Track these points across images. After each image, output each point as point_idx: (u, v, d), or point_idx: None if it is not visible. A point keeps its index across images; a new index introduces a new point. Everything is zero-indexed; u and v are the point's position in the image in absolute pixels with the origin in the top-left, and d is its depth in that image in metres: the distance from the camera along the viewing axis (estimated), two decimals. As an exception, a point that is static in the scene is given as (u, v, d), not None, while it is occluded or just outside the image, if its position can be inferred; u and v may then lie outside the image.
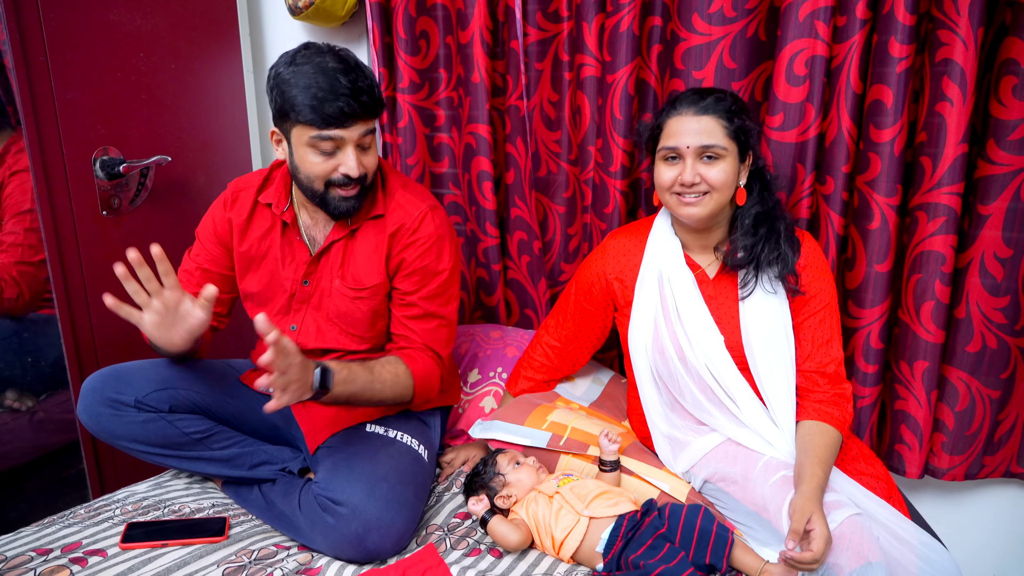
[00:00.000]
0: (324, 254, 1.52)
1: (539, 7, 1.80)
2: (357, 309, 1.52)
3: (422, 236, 1.50)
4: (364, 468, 1.40)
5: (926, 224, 1.55)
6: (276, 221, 1.54)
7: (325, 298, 1.53)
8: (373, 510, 1.34)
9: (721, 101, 1.42)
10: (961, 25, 1.42)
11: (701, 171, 1.41)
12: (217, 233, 1.56)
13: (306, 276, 1.53)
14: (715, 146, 1.40)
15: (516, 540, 1.35)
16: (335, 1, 1.89)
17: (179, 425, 1.49)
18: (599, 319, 1.66)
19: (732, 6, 1.62)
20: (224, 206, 1.57)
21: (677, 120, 1.43)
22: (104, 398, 1.46)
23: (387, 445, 1.49)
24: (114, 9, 1.77)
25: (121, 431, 1.47)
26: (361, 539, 1.32)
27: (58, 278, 1.75)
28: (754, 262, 1.46)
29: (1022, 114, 1.45)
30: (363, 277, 1.51)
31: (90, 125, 1.77)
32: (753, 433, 1.45)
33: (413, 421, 1.62)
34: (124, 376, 1.49)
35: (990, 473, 1.66)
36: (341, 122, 1.34)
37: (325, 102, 1.32)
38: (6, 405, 1.88)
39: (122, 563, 1.30)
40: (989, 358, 1.60)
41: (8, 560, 1.29)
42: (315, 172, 1.39)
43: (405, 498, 1.39)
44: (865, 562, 1.21)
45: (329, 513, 1.35)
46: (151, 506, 1.49)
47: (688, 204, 1.44)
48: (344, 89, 1.32)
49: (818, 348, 1.45)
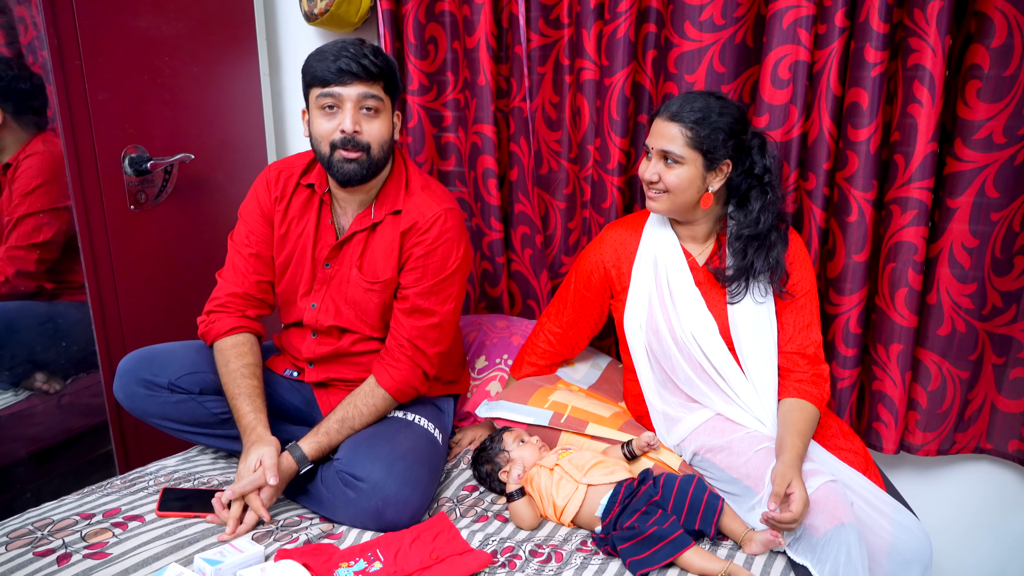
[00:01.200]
0: (347, 242, 1.61)
1: (541, 14, 1.89)
2: (369, 300, 1.61)
3: (431, 236, 1.56)
4: (384, 448, 1.49)
5: (900, 217, 1.64)
6: (314, 201, 1.63)
7: (343, 284, 1.62)
8: (391, 486, 1.43)
9: (689, 115, 1.49)
10: (930, 33, 1.51)
11: (660, 172, 1.53)
12: (263, 212, 1.63)
13: (328, 259, 1.62)
14: (672, 152, 1.51)
15: (530, 520, 1.47)
16: (349, 8, 2.00)
17: (208, 406, 1.59)
18: (597, 305, 1.77)
19: (721, 14, 1.70)
20: (268, 186, 1.64)
21: (658, 122, 1.54)
22: (139, 379, 1.56)
23: (406, 427, 1.58)
24: (142, 16, 1.88)
25: (154, 410, 1.57)
26: (379, 513, 1.42)
27: (90, 268, 1.85)
28: (743, 276, 1.56)
29: (986, 115, 1.54)
30: (378, 270, 1.60)
31: (119, 125, 1.87)
32: (740, 408, 1.56)
33: (429, 406, 1.71)
34: (158, 359, 1.59)
35: (961, 449, 1.77)
36: (340, 79, 1.45)
37: (327, 61, 1.45)
38: (36, 387, 1.99)
39: (158, 527, 1.41)
40: (959, 341, 1.69)
41: (56, 523, 1.40)
42: (321, 133, 1.50)
43: (420, 477, 1.48)
44: (839, 523, 1.33)
45: (350, 488, 1.44)
46: (181, 478, 1.60)
47: (650, 199, 1.57)
48: (347, 53, 1.45)
49: (799, 332, 1.57)
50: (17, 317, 1.92)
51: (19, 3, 2.01)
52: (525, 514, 1.47)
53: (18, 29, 2.00)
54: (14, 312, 1.92)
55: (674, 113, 1.51)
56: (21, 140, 1.86)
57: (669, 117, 1.52)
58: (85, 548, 1.33)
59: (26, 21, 2.01)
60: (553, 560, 1.36)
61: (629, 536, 1.34)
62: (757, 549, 1.37)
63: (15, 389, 1.96)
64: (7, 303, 1.90)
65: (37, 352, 1.95)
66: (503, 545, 1.40)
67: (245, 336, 1.61)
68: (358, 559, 1.31)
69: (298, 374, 1.73)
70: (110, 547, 1.34)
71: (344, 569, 1.28)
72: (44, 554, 1.31)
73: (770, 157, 1.57)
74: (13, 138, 1.85)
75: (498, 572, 1.32)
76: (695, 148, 1.50)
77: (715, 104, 1.51)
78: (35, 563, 1.29)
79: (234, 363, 1.55)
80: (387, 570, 1.29)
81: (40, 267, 1.90)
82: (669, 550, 1.31)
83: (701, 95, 1.54)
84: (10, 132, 1.85)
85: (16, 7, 2.00)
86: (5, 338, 1.89)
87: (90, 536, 1.36)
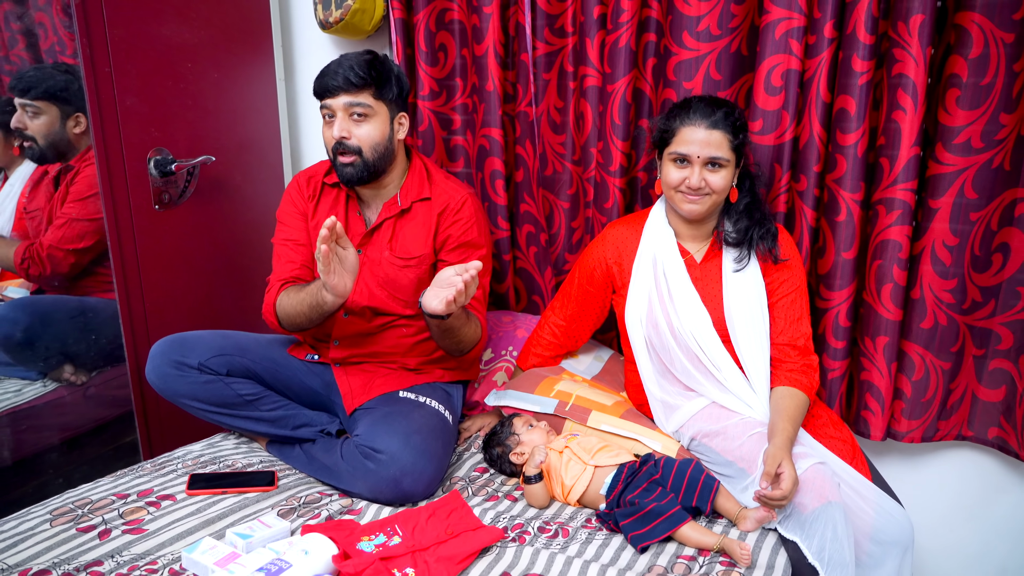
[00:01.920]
0: (377, 230, 1.76)
1: (547, 23, 1.97)
2: (404, 276, 1.76)
3: (464, 215, 1.76)
4: (400, 423, 1.60)
5: (885, 216, 1.72)
6: (340, 198, 1.81)
7: (375, 266, 1.77)
8: (408, 457, 1.54)
9: (729, 116, 1.60)
10: (913, 45, 1.60)
11: (706, 177, 1.61)
12: (300, 210, 1.82)
13: (360, 246, 1.76)
14: (721, 158, 1.60)
15: (542, 500, 1.57)
16: (363, 17, 2.09)
17: (234, 387, 1.69)
18: (599, 300, 1.86)
19: (718, 25, 1.79)
20: (299, 187, 1.84)
21: (690, 129, 1.60)
22: (170, 360, 1.67)
23: (418, 407, 1.70)
24: (167, 25, 1.97)
25: (184, 390, 1.68)
26: (397, 482, 1.53)
27: (117, 265, 1.94)
28: (748, 241, 1.67)
29: (965, 121, 1.62)
30: (411, 248, 1.77)
31: (145, 128, 1.96)
32: (734, 397, 1.66)
33: (439, 391, 1.82)
34: (188, 342, 1.70)
35: (944, 436, 1.85)
36: (331, 92, 1.65)
37: (323, 77, 1.66)
38: (64, 379, 2.09)
39: (189, 505, 1.51)
40: (941, 334, 1.78)
41: (94, 502, 1.50)
42: (325, 140, 1.71)
43: (434, 449, 1.60)
44: (826, 501, 1.42)
45: (370, 460, 1.55)
46: (207, 461, 1.70)
47: (691, 201, 1.64)
48: (335, 68, 1.64)
49: (790, 325, 1.67)
50: (52, 311, 2.02)
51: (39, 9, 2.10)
52: (540, 495, 1.57)
53: (38, 34, 2.09)
54: (49, 306, 2.02)
55: (715, 120, 1.59)
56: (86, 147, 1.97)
57: (710, 125, 1.59)
58: (123, 524, 1.43)
59: (46, 26, 2.10)
60: (560, 535, 1.46)
61: (630, 512, 1.43)
62: (750, 526, 1.46)
63: (44, 380, 2.06)
64: (43, 297, 2.00)
65: (69, 345, 2.04)
66: (513, 522, 1.50)
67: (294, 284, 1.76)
68: (378, 533, 1.41)
69: (319, 357, 1.83)
70: (146, 523, 1.44)
71: (365, 542, 1.37)
72: (86, 530, 1.41)
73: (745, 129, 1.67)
74: (83, 143, 1.98)
75: (509, 546, 1.42)
76: (734, 150, 1.61)
77: (732, 107, 1.63)
78: (79, 537, 1.38)
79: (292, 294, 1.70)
80: (405, 544, 1.38)
81: (72, 271, 2.01)
82: (667, 525, 1.41)
83: (716, 102, 1.63)
84: (85, 138, 1.97)
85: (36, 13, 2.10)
86: (40, 330, 1.99)
87: (127, 514, 1.46)
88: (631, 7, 1.83)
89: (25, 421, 2.00)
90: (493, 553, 1.39)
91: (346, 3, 2.06)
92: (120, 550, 1.35)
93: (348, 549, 1.34)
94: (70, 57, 2.04)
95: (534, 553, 1.39)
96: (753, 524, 1.46)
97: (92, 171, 1.92)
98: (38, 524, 1.41)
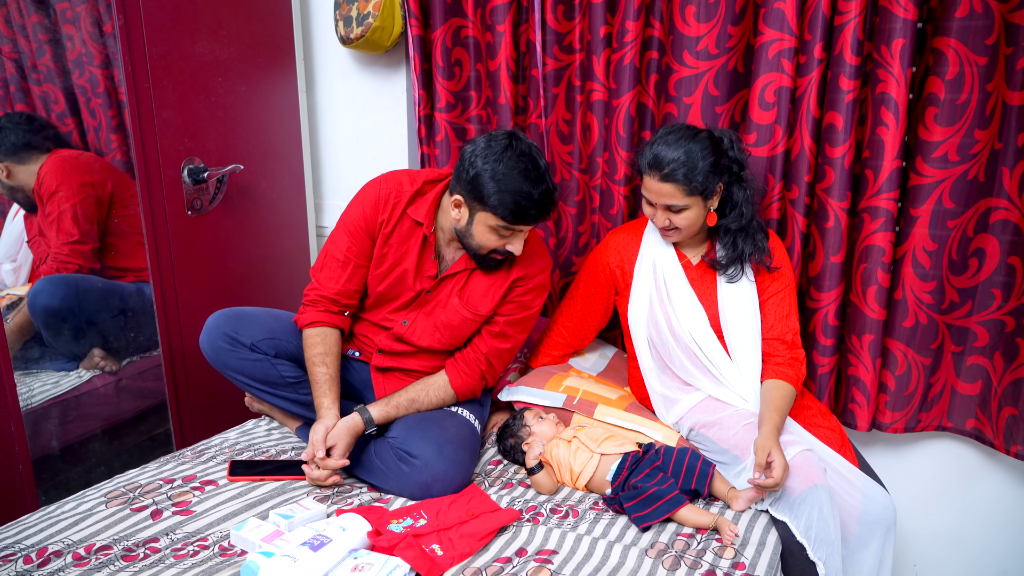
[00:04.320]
0: (450, 277, 1.81)
1: (556, 41, 2.08)
2: (466, 327, 1.82)
3: (534, 283, 1.81)
4: (435, 431, 1.70)
5: (870, 223, 1.83)
6: (418, 233, 1.78)
7: (439, 308, 1.82)
8: (440, 465, 1.64)
9: (683, 167, 1.64)
10: (894, 66, 1.71)
11: (671, 217, 1.72)
12: (368, 229, 1.78)
13: (431, 288, 1.82)
14: (675, 205, 1.69)
15: (549, 487, 1.69)
16: (382, 34, 2.22)
17: (280, 369, 1.81)
18: (603, 301, 1.99)
19: (715, 44, 1.90)
20: (376, 205, 1.77)
21: (647, 178, 1.70)
22: (224, 334, 1.78)
23: (451, 416, 1.80)
24: (200, 43, 2.10)
25: (234, 364, 1.79)
26: (428, 487, 1.64)
27: (154, 266, 2.08)
28: (737, 261, 1.78)
29: (942, 136, 1.74)
30: (479, 305, 1.80)
31: (180, 139, 2.09)
32: (728, 390, 1.79)
33: (472, 400, 1.92)
34: (244, 319, 1.81)
35: (925, 427, 1.97)
36: (527, 223, 1.65)
37: (520, 209, 1.60)
38: (96, 365, 2.21)
39: (231, 490, 1.64)
40: (921, 332, 1.89)
41: (143, 486, 1.63)
42: (487, 244, 1.69)
43: (464, 459, 1.70)
44: (812, 484, 1.56)
45: (404, 463, 1.66)
46: (243, 448, 1.83)
47: (666, 236, 1.78)
48: (538, 198, 1.60)
49: (779, 321, 1.80)
50: (87, 288, 2.17)
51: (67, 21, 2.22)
52: (545, 482, 1.70)
53: (65, 45, 2.21)
54: (84, 283, 2.16)
55: (665, 174, 1.65)
56: (35, 168, 2.09)
57: (661, 178, 1.66)
58: (173, 506, 1.57)
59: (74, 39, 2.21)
60: (570, 516, 1.60)
61: (633, 495, 1.57)
62: (742, 505, 1.60)
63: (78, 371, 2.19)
64: (79, 275, 2.15)
65: (102, 324, 2.19)
66: (527, 505, 1.64)
67: (321, 329, 1.81)
68: (406, 517, 1.55)
69: (359, 354, 1.94)
70: (193, 505, 1.57)
71: (395, 524, 1.51)
72: (139, 510, 1.54)
73: (738, 149, 1.73)
74: (29, 172, 2.08)
75: (524, 525, 1.56)
76: (693, 194, 1.68)
77: (695, 148, 1.65)
78: (133, 517, 1.52)
79: (310, 351, 1.78)
80: (431, 524, 1.52)
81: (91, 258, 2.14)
82: (667, 507, 1.55)
83: (678, 140, 1.67)
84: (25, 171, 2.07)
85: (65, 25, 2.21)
86: (76, 305, 2.14)
87: (175, 496, 1.60)
88: (635, 27, 1.95)
89: (65, 411, 2.14)
90: (510, 532, 1.53)
91: (367, 21, 2.19)
92: (173, 528, 1.49)
93: (380, 529, 1.47)
94: (98, 68, 2.17)
95: (547, 531, 1.53)
96: (744, 504, 1.60)
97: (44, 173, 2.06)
98: (95, 505, 1.55)
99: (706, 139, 1.69)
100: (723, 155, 1.72)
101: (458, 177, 1.68)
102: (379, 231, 1.79)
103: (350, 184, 2.52)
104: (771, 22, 1.82)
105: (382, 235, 1.79)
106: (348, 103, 2.50)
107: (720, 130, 1.77)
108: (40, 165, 2.09)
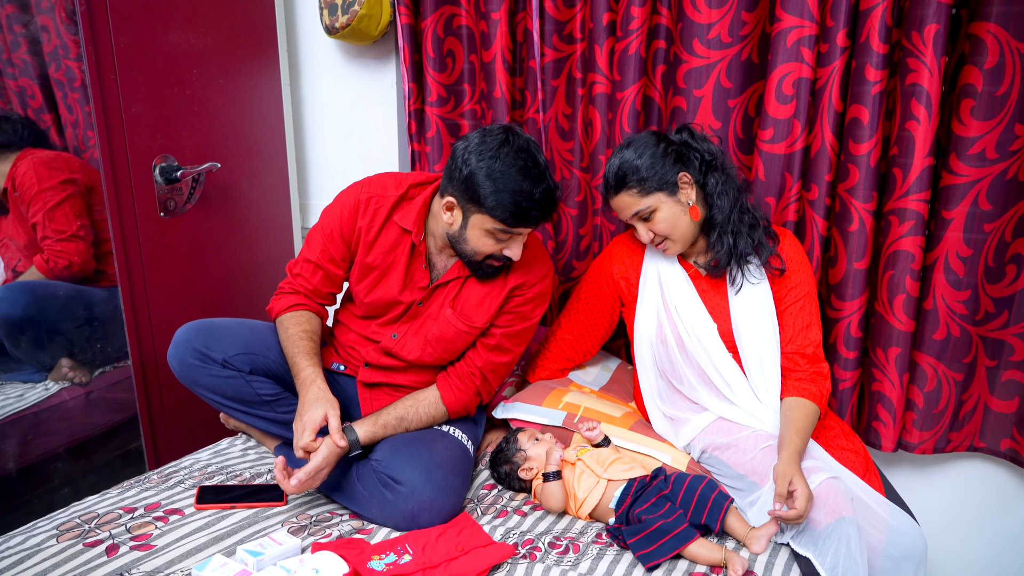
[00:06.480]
0: (442, 285, 1.68)
1: (555, 30, 1.96)
2: (460, 340, 1.69)
3: (533, 292, 1.68)
4: (423, 455, 1.55)
5: (898, 227, 1.71)
6: (406, 241, 1.66)
7: (430, 320, 1.69)
8: (428, 493, 1.50)
9: (623, 176, 1.59)
10: (927, 54, 1.59)
11: (649, 227, 1.63)
12: (344, 233, 1.66)
13: (422, 299, 1.69)
14: (641, 211, 1.61)
15: (560, 502, 1.55)
16: (370, 23, 2.07)
17: (255, 386, 1.66)
18: (607, 314, 1.85)
19: (728, 32, 1.78)
20: (356, 210, 1.65)
21: (612, 203, 1.66)
22: (194, 350, 1.62)
23: (442, 437, 1.65)
24: (173, 31, 1.96)
25: (205, 382, 1.64)
26: (415, 516, 1.49)
27: (123, 271, 1.94)
28: (732, 259, 1.65)
29: (979, 132, 1.61)
30: (474, 316, 1.67)
31: (151, 135, 1.95)
32: (741, 410, 1.65)
33: (466, 418, 1.78)
34: (215, 333, 1.65)
35: (956, 447, 1.84)
36: (527, 225, 1.52)
37: (520, 210, 1.48)
38: (65, 376, 2.07)
39: (198, 520, 1.50)
40: (953, 345, 1.77)
41: (101, 516, 1.49)
42: (482, 249, 1.56)
43: (455, 486, 1.56)
44: (839, 517, 1.41)
45: (388, 489, 1.51)
46: (214, 471, 1.69)
47: (663, 251, 1.67)
48: (539, 197, 1.48)
49: (799, 332, 1.66)
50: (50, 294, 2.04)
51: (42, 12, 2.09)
52: (558, 495, 1.55)
53: (42, 38, 2.08)
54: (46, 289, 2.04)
55: (615, 188, 1.62)
56: (6, 169, 1.98)
57: (614, 192, 1.63)
58: (131, 540, 1.42)
59: (49, 30, 2.08)
60: (571, 551, 1.45)
61: (637, 530, 1.42)
62: (761, 547, 1.43)
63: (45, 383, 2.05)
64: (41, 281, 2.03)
65: (69, 332, 2.07)
66: (523, 538, 1.49)
67: (302, 312, 1.70)
68: (389, 552, 1.40)
69: (345, 368, 1.80)
70: (154, 539, 1.43)
71: (376, 561, 1.36)
72: (93, 544, 1.40)
73: (697, 137, 1.65)
74: None
75: (520, 563, 1.40)
76: (649, 192, 1.60)
77: (629, 152, 1.60)
78: (85, 553, 1.37)
79: (292, 329, 1.65)
80: (416, 562, 1.37)
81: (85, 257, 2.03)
82: (674, 543, 1.39)
83: (616, 154, 1.63)
84: None
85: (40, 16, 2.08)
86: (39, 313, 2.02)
87: (135, 528, 1.45)
88: (641, 14, 1.82)
89: (29, 427, 2.00)
90: (504, 570, 1.38)
91: (353, 8, 2.04)
92: (129, 567, 1.34)
93: (359, 568, 1.33)
94: (73, 60, 2.03)
95: (545, 570, 1.38)
96: (764, 544, 1.44)
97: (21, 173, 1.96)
98: (44, 540, 1.40)
99: (643, 137, 1.64)
100: (669, 143, 1.62)
101: (450, 177, 1.54)
102: (359, 239, 1.67)
103: (337, 183, 2.38)
104: (790, 7, 1.70)
105: (364, 243, 1.67)
106: (334, 97, 2.36)
107: (682, 125, 1.70)
108: (10, 165, 1.97)
